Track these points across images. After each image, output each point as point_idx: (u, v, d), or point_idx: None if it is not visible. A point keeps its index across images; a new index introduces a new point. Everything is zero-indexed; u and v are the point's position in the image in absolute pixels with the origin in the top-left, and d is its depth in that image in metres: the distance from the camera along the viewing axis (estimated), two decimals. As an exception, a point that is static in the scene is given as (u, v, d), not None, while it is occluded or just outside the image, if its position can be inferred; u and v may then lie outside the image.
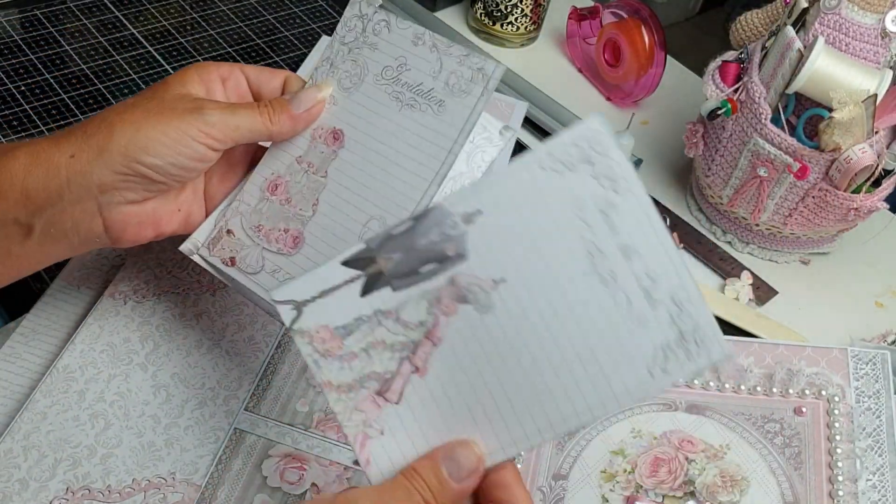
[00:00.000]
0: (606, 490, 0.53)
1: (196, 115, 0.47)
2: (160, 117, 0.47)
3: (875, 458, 0.52)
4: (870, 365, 0.56)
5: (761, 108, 0.67)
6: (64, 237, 0.48)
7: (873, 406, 0.55)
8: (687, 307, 0.37)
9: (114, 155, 0.46)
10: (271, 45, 0.90)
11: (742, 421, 0.55)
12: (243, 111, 0.49)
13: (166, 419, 0.54)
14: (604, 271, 0.38)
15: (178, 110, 0.47)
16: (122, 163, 0.46)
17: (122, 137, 0.46)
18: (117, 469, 0.52)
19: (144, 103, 0.48)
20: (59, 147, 0.46)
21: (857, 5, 0.64)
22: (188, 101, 0.48)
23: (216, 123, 0.48)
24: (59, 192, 0.46)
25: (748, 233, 0.75)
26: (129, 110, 0.47)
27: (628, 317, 0.37)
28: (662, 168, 0.83)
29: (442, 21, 0.95)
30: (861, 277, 0.75)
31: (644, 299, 0.37)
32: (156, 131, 0.46)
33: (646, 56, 0.84)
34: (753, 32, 0.73)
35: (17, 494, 0.50)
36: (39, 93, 0.79)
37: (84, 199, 0.47)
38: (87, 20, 0.89)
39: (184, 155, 0.48)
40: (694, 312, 0.37)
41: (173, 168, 0.48)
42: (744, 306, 0.70)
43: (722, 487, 0.52)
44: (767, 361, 0.57)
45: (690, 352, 0.37)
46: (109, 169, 0.46)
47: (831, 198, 0.67)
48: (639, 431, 0.56)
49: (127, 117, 0.47)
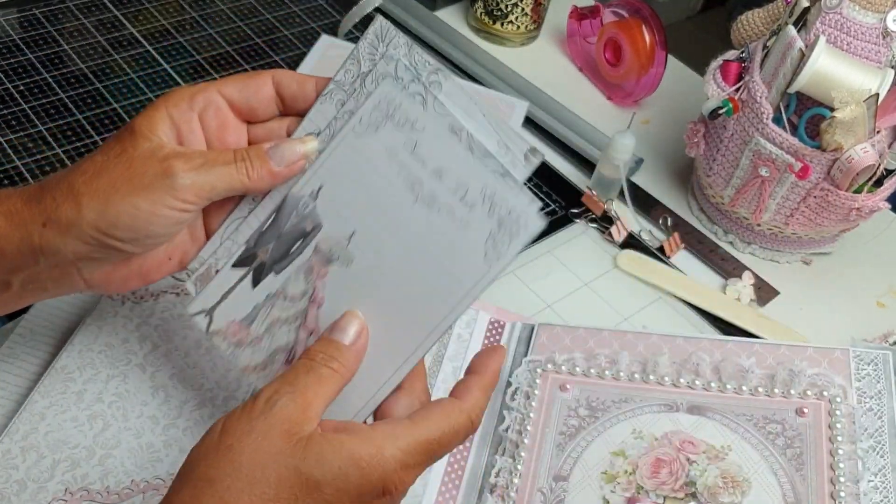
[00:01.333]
0: (607, 491, 0.53)
1: (167, 182, 0.43)
2: (128, 187, 0.43)
3: (877, 458, 0.52)
4: (872, 365, 0.56)
5: (763, 107, 0.67)
6: (43, 291, 0.47)
7: (875, 407, 0.54)
8: (497, 198, 0.43)
9: (83, 229, 0.43)
10: (270, 44, 0.90)
11: (743, 422, 0.55)
12: (219, 168, 0.45)
13: (165, 420, 0.54)
14: (425, 197, 0.45)
15: (148, 177, 0.43)
16: (93, 236, 0.44)
17: (90, 212, 0.43)
18: (116, 470, 0.52)
19: (111, 169, 0.44)
20: (32, 211, 0.44)
21: (859, 4, 0.63)
22: (157, 161, 0.44)
23: (189, 187, 0.44)
24: (35, 256, 0.44)
25: (750, 233, 0.75)
26: (94, 178, 0.43)
27: (456, 225, 0.44)
28: (663, 168, 0.83)
29: (442, 20, 0.95)
30: (863, 277, 0.75)
31: (463, 206, 0.44)
32: (125, 204, 0.43)
33: (647, 55, 0.84)
34: (755, 31, 0.73)
35: (15, 495, 0.50)
36: (38, 92, 0.79)
37: (61, 264, 0.45)
38: (86, 19, 0.88)
39: (157, 224, 0.44)
40: (504, 198, 0.43)
41: (148, 239, 0.45)
42: (745, 307, 0.70)
43: (723, 488, 0.52)
44: (769, 362, 0.57)
45: (512, 231, 0.43)
46: (81, 241, 0.44)
47: (833, 198, 0.66)
48: (640, 432, 0.55)
49: (94, 187, 0.43)
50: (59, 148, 0.73)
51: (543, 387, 0.58)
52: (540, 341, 0.61)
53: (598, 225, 0.76)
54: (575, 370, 0.59)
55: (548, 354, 0.60)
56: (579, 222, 0.76)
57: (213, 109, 0.47)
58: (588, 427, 0.56)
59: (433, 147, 0.45)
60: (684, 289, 0.71)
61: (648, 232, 0.76)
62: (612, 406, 0.57)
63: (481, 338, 0.62)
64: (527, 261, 0.72)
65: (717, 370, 0.57)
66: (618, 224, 0.74)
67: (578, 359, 0.59)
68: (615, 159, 0.74)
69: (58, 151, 0.73)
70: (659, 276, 0.72)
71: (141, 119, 0.45)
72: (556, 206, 0.77)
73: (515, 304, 0.68)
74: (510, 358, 0.61)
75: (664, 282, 0.71)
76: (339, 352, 0.43)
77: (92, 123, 0.76)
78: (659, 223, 0.77)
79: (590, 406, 0.57)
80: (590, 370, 0.59)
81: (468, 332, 0.62)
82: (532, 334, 0.62)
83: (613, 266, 0.73)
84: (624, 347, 0.60)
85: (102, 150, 0.45)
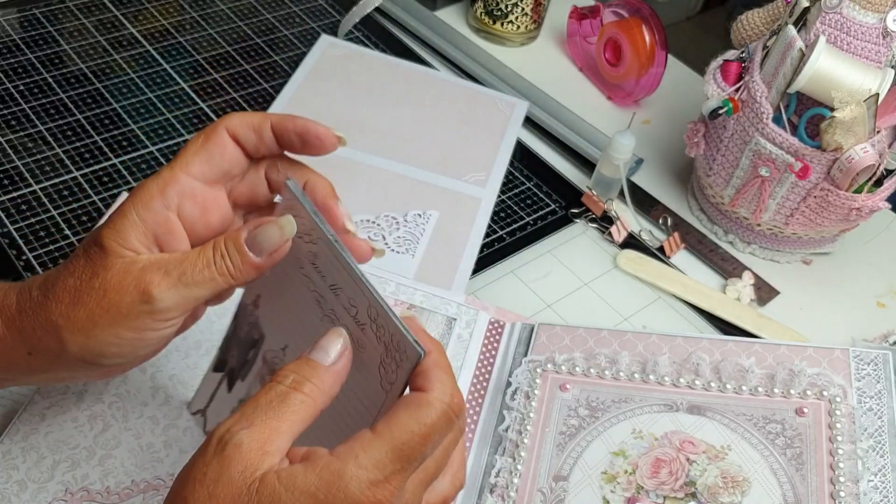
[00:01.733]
0: (607, 491, 0.53)
1: (146, 307, 0.41)
2: (107, 319, 0.41)
3: (877, 458, 0.52)
4: (871, 365, 0.56)
5: (763, 107, 0.67)
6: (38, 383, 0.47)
7: (875, 406, 0.54)
8: (380, 321, 0.37)
9: (70, 359, 0.42)
10: (270, 44, 0.90)
11: (743, 421, 0.55)
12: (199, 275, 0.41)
13: (165, 420, 0.54)
14: (329, 311, 0.41)
15: (125, 305, 0.41)
16: (81, 364, 0.42)
17: (73, 345, 0.41)
18: (116, 470, 0.52)
19: (86, 298, 0.41)
20: (15, 339, 0.42)
21: (859, 4, 0.63)
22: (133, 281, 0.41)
23: (171, 307, 0.41)
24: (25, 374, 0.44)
25: (750, 233, 0.75)
26: (72, 309, 0.41)
27: (355, 345, 0.39)
28: (663, 168, 0.83)
29: (442, 20, 0.95)
30: (863, 277, 0.75)
31: (355, 325, 0.39)
32: (108, 335, 0.41)
33: (647, 55, 0.84)
34: (755, 31, 0.73)
35: (15, 496, 0.50)
36: (38, 92, 0.79)
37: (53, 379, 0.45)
38: (86, 19, 0.88)
39: (145, 347, 0.43)
40: (387, 324, 0.37)
41: (138, 359, 0.44)
42: (745, 306, 0.70)
43: (723, 488, 0.52)
44: (769, 362, 0.57)
45: (397, 360, 0.37)
46: (69, 368, 0.43)
47: (833, 198, 0.66)
48: (640, 432, 0.55)
49: (73, 320, 0.41)
50: (59, 148, 0.73)
51: (543, 387, 0.58)
52: (540, 341, 0.61)
53: (598, 225, 0.76)
54: (575, 370, 0.59)
55: (548, 354, 0.60)
56: (579, 222, 0.76)
57: (189, 198, 0.43)
58: (588, 427, 0.56)
59: (327, 263, 0.40)
60: (684, 289, 0.71)
61: (648, 232, 0.76)
62: (612, 406, 0.57)
63: (481, 337, 0.62)
64: (527, 261, 0.72)
65: (716, 370, 0.57)
66: (618, 224, 0.74)
67: (578, 359, 0.59)
68: (615, 159, 0.74)
69: (58, 151, 0.73)
70: (659, 275, 0.72)
71: (109, 231, 0.42)
72: (556, 206, 0.77)
73: (515, 304, 0.68)
74: (510, 358, 0.61)
75: (664, 282, 0.71)
76: (314, 373, 0.38)
77: (92, 123, 0.76)
78: (659, 223, 0.77)
79: (590, 406, 0.57)
80: (590, 370, 0.59)
81: (468, 332, 0.62)
82: (532, 334, 0.62)
83: (613, 266, 0.73)
84: (624, 347, 0.60)
85: (74, 270, 0.42)
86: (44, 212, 0.68)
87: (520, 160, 0.81)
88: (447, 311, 0.63)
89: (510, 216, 0.76)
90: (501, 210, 0.76)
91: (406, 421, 0.37)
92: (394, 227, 0.70)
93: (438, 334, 0.61)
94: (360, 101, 0.82)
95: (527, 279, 0.70)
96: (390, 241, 0.69)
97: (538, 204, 0.77)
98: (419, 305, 0.63)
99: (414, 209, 0.72)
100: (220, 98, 0.82)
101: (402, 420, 0.37)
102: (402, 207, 0.72)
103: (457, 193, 0.74)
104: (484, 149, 0.79)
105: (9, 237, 0.65)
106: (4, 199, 0.68)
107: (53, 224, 0.67)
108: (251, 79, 0.85)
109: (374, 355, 0.38)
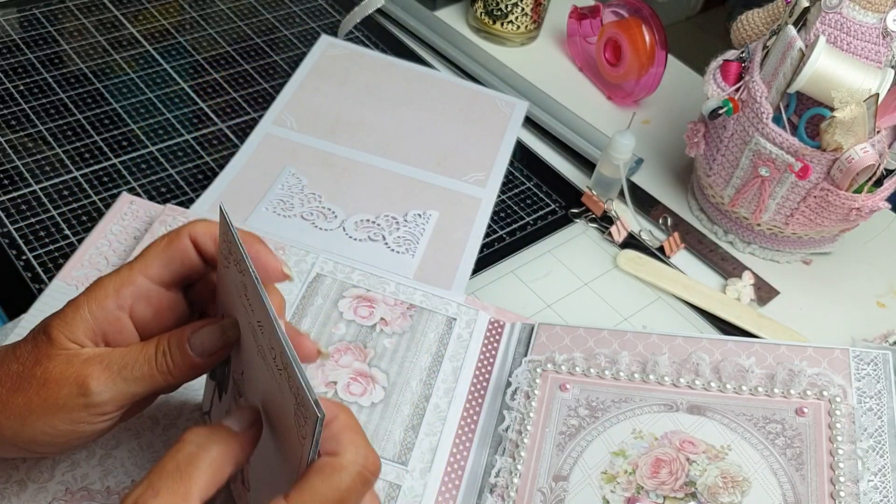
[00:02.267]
0: (607, 491, 0.53)
1: (82, 400, 0.41)
2: (43, 409, 0.41)
3: (877, 458, 0.52)
4: (871, 365, 0.56)
5: (763, 107, 0.67)
6: None
7: (875, 406, 0.54)
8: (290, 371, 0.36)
9: (5, 444, 0.42)
10: (270, 43, 0.90)
11: (743, 421, 0.55)
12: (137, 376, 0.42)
13: (165, 420, 0.54)
14: (263, 346, 0.39)
15: (62, 396, 0.41)
16: (11, 448, 0.42)
17: (6, 430, 0.41)
18: (116, 470, 0.52)
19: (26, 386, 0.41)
20: None
21: (859, 4, 0.63)
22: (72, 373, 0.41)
23: (107, 401, 0.41)
24: None
25: (749, 233, 0.75)
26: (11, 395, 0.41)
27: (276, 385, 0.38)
28: (663, 168, 0.83)
29: (442, 20, 0.95)
30: (863, 277, 0.75)
31: (274, 368, 0.37)
32: (42, 424, 0.41)
33: (647, 55, 0.84)
34: (754, 31, 0.73)
35: (15, 496, 0.49)
36: (38, 92, 0.79)
37: None
38: (86, 19, 0.88)
39: (78, 439, 0.42)
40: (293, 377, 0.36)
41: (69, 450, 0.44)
42: (745, 306, 0.70)
43: (723, 488, 0.52)
44: (769, 362, 0.57)
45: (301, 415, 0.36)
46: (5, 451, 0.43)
47: (833, 198, 0.66)
48: (639, 432, 0.55)
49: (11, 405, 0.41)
50: (59, 148, 0.73)
51: (543, 387, 0.58)
52: (540, 341, 0.61)
53: (598, 225, 0.76)
54: (575, 370, 0.59)
55: (548, 354, 0.60)
56: (579, 222, 0.76)
57: (144, 300, 0.43)
58: (588, 427, 0.56)
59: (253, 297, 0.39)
60: (684, 289, 0.71)
61: (648, 232, 0.76)
62: (612, 406, 0.57)
63: (481, 337, 0.62)
64: (527, 261, 0.72)
65: (716, 370, 0.57)
66: (618, 224, 0.74)
67: (578, 358, 0.59)
68: (615, 159, 0.74)
69: (58, 151, 0.73)
70: (659, 275, 0.72)
71: (59, 322, 0.42)
72: (556, 206, 0.77)
73: (515, 304, 0.68)
74: (510, 358, 0.61)
75: (664, 282, 0.71)
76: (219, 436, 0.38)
77: (92, 123, 0.76)
78: (659, 223, 0.77)
79: (590, 406, 0.57)
80: (590, 370, 0.59)
81: (468, 332, 0.62)
82: (532, 334, 0.62)
83: (613, 266, 0.73)
84: (624, 347, 0.60)
85: (20, 356, 0.42)
86: (44, 212, 0.68)
87: (520, 160, 0.81)
88: (447, 311, 0.63)
89: (510, 216, 0.76)
90: (501, 210, 0.76)
91: (319, 487, 0.36)
92: (394, 226, 0.70)
93: (438, 334, 0.61)
94: (360, 101, 0.82)
95: (527, 279, 0.70)
96: (390, 241, 0.69)
97: (538, 204, 0.77)
98: (419, 305, 0.63)
99: (414, 209, 0.72)
100: (220, 98, 0.82)
101: (316, 487, 0.36)
102: (402, 207, 0.72)
103: (457, 193, 0.74)
104: (484, 149, 0.79)
105: (9, 237, 0.65)
106: (4, 199, 0.68)
107: (53, 224, 0.67)
108: (251, 79, 0.85)
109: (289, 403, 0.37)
